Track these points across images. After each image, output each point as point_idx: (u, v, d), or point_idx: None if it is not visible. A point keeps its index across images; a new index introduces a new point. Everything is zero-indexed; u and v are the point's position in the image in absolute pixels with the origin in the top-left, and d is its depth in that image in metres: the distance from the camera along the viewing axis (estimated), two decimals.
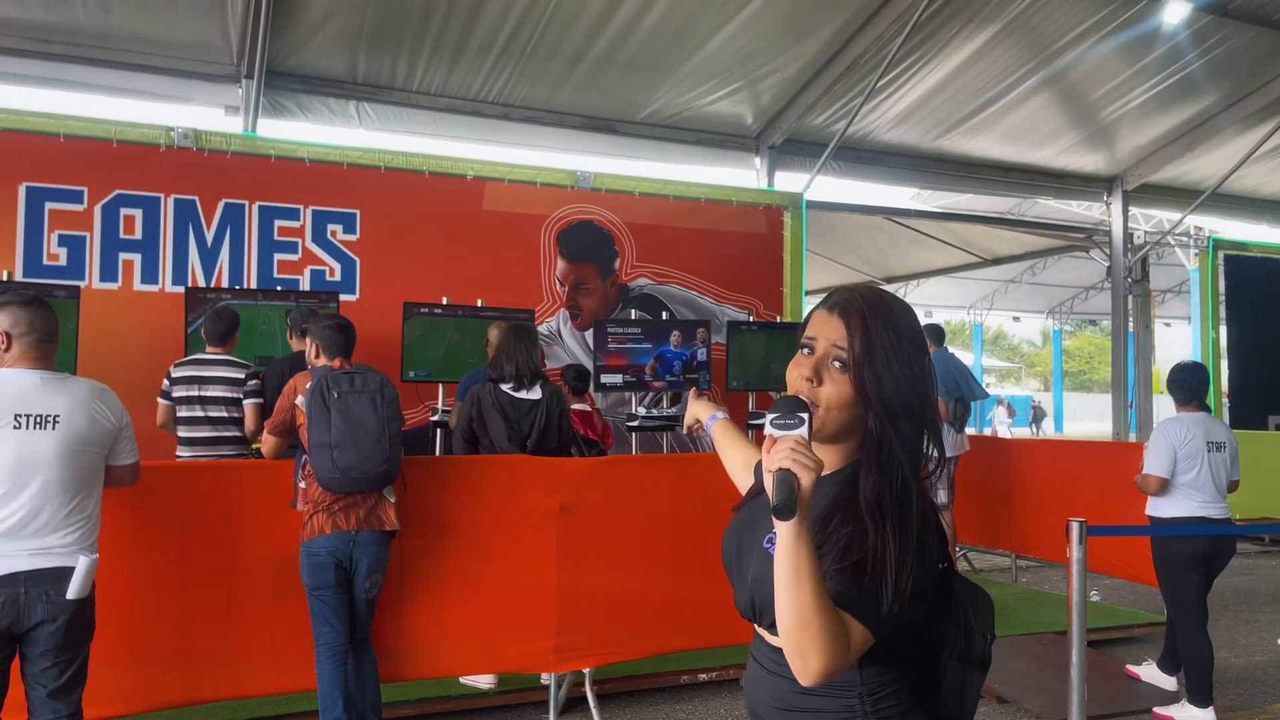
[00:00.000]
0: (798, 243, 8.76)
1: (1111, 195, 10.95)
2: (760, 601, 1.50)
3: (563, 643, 4.30)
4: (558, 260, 7.66)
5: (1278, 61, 8.86)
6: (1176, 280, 21.61)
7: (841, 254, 14.25)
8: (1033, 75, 8.59)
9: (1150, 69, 8.70)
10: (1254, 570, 8.39)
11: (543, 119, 8.20)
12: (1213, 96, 9.33)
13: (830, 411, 1.48)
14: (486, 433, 4.65)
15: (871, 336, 1.49)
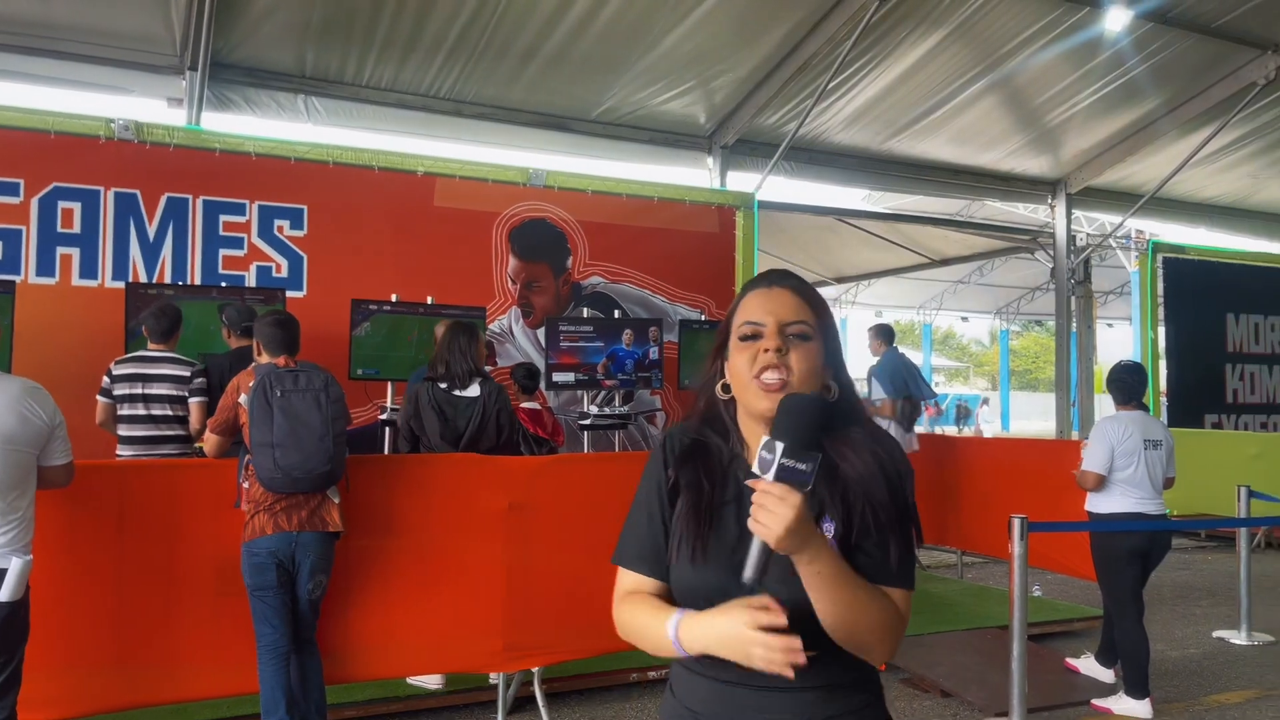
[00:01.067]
0: (749, 242, 8.81)
1: (1056, 198, 11.16)
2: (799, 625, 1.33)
3: (511, 642, 4.28)
4: (509, 258, 7.63)
5: (1216, 68, 9.09)
6: (1119, 282, 22.06)
7: (793, 254, 14.36)
8: (980, 79, 8.72)
9: (1094, 74, 8.88)
10: (1190, 565, 8.61)
11: (495, 116, 8.15)
12: (1154, 102, 9.55)
13: (804, 383, 1.42)
14: (424, 430, 4.62)
15: (818, 302, 1.51)
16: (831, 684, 1.40)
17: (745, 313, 1.48)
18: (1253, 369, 11.50)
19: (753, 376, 1.42)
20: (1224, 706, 4.73)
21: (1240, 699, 4.85)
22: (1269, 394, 11.59)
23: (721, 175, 9.10)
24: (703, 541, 1.43)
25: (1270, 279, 11.84)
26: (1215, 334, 11.35)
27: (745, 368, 1.43)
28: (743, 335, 1.46)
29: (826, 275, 16.44)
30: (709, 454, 1.51)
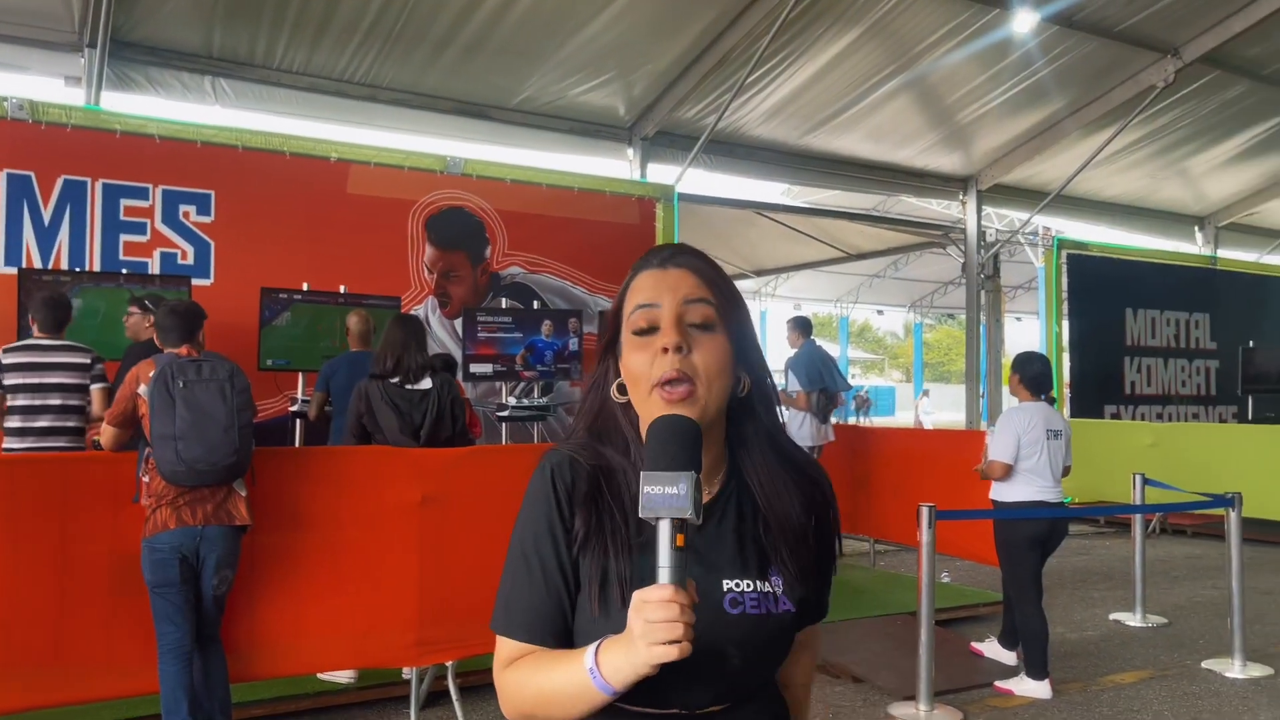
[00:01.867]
0: (670, 234, 8.83)
1: (967, 194, 11.45)
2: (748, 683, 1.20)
3: (425, 636, 4.22)
4: (426, 247, 7.51)
5: (1117, 71, 9.43)
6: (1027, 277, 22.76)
7: (714, 247, 14.44)
8: (894, 77, 8.89)
9: (1003, 75, 9.13)
10: (1089, 551, 8.94)
11: (411, 102, 8.02)
12: (1059, 103, 9.86)
13: (712, 384, 1.18)
14: (379, 427, 4.53)
15: (720, 275, 1.26)
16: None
17: (636, 295, 1.23)
18: (1150, 362, 11.99)
19: (653, 385, 1.17)
20: (1119, 686, 4.92)
21: (1134, 679, 5.05)
22: (1164, 386, 12.10)
23: (642, 167, 9.12)
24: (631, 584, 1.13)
25: (1167, 275, 12.36)
26: (1115, 328, 11.80)
27: (643, 370, 1.19)
28: (637, 328, 1.21)
29: (746, 268, 16.60)
30: (614, 480, 1.23)
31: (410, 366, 4.57)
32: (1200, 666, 5.25)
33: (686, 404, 1.16)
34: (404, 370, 4.56)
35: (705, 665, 1.13)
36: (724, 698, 1.18)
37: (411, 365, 4.58)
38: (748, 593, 1.19)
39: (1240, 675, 5.07)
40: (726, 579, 1.19)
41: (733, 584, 1.19)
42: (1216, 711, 4.54)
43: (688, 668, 1.06)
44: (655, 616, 1.00)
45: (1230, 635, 5.23)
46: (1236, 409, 12.31)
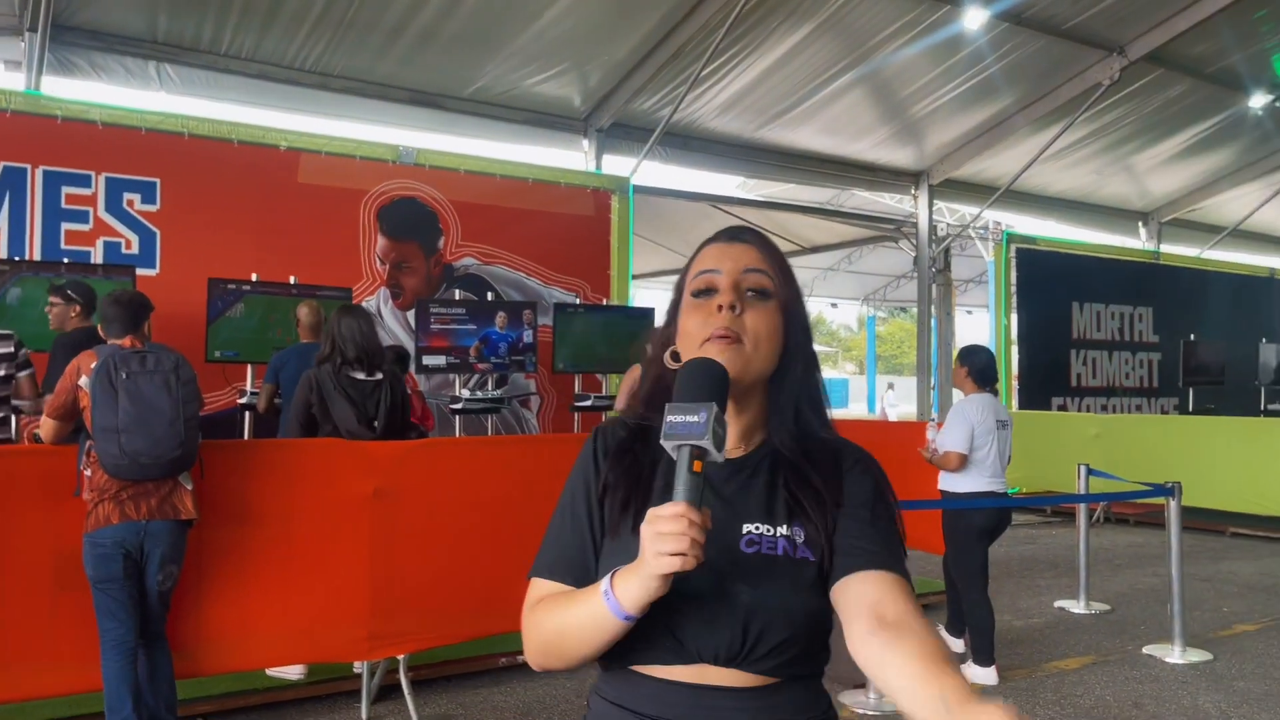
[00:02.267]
0: (625, 226, 8.83)
1: (918, 189, 11.59)
2: (762, 623, 1.16)
3: (376, 630, 4.19)
4: (378, 237, 7.44)
5: (1065, 68, 9.60)
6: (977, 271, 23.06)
7: (669, 239, 14.48)
8: (848, 72, 8.96)
9: (954, 71, 9.24)
10: (1035, 540, 9.11)
11: (363, 90, 7.91)
12: (1008, 99, 10.01)
13: (759, 345, 1.24)
14: (330, 418, 4.47)
15: (780, 257, 1.32)
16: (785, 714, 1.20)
17: (700, 263, 1.30)
18: (1095, 354, 12.25)
19: (705, 338, 1.23)
20: (1063, 672, 5.03)
21: (1078, 664, 5.17)
22: (1109, 378, 12.37)
23: (597, 158, 9.09)
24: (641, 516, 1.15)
25: (1112, 270, 12.62)
26: (1062, 321, 12.03)
27: (697, 329, 1.24)
28: (696, 290, 1.28)
29: None
30: (653, 436, 1.23)
31: (362, 355, 4.53)
32: (1141, 652, 5.37)
33: (730, 352, 1.21)
34: (355, 359, 4.51)
35: (716, 603, 1.15)
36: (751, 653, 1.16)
37: (363, 354, 4.53)
38: (765, 535, 1.22)
39: (1180, 660, 5.20)
40: (747, 522, 1.23)
41: (752, 527, 1.22)
42: (1156, 696, 4.65)
43: (701, 606, 1.14)
44: (664, 529, 1.05)
45: (1170, 621, 5.36)
46: (1178, 401, 12.61)
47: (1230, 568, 7.75)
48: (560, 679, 4.79)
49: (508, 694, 4.59)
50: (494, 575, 4.55)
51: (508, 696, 4.55)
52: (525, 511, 4.65)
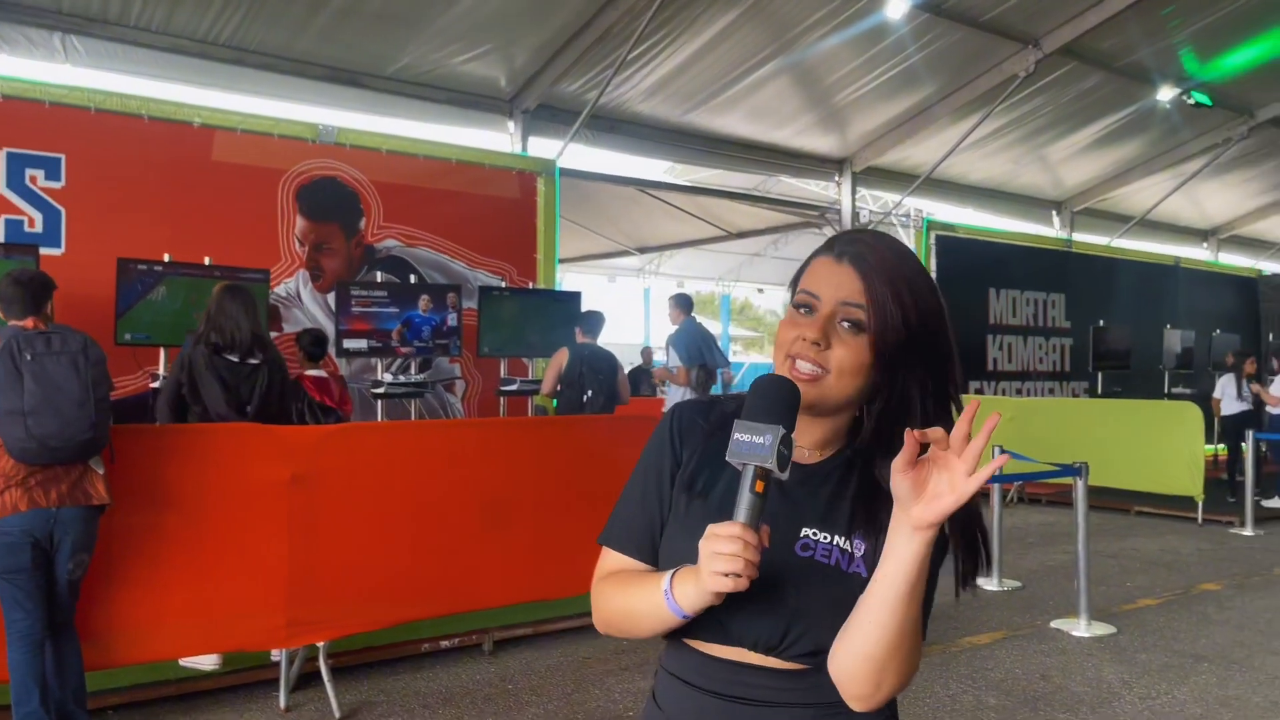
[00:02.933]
0: (551, 209, 8.78)
1: (842, 176, 11.75)
2: (803, 627, 1.21)
3: (294, 617, 4.12)
4: (297, 218, 7.26)
5: (983, 59, 9.81)
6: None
7: (597, 223, 14.46)
8: (773, 58, 9.03)
9: (877, 60, 9.38)
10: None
11: (280, 67, 7.68)
12: (929, 89, 10.20)
13: (842, 379, 1.23)
14: (199, 399, 4.35)
15: (892, 290, 1.23)
16: (832, 702, 1.22)
17: (808, 280, 1.29)
18: (1010, 339, 12.59)
19: (785, 357, 1.25)
20: (975, 647, 5.19)
21: (989, 639, 5.33)
22: (1024, 362, 12.73)
23: (523, 140, 9.01)
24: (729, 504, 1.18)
25: (1027, 257, 12.97)
26: (979, 307, 12.34)
27: (785, 343, 1.26)
28: (799, 303, 1.28)
29: (629, 245, 16.67)
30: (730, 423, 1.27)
31: (239, 338, 4.43)
32: (1049, 626, 5.57)
33: (808, 384, 1.22)
34: (237, 345, 4.42)
35: (763, 598, 1.19)
36: (787, 648, 1.21)
37: (240, 337, 4.43)
38: (821, 543, 1.24)
39: (1085, 634, 5.41)
40: (807, 527, 1.25)
41: (811, 532, 1.25)
42: (1063, 668, 4.83)
43: (748, 599, 1.16)
44: (721, 549, 1.10)
45: (1077, 596, 5.57)
46: (1088, 384, 13.05)
47: (1134, 544, 8.06)
48: (484, 664, 4.78)
49: (430, 680, 4.56)
50: (417, 560, 4.52)
51: (430, 683, 4.52)
52: (449, 496, 4.65)
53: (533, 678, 4.60)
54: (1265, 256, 17.58)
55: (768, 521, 1.15)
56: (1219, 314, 15.11)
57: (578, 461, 5.00)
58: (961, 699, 4.36)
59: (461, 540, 4.64)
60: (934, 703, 4.31)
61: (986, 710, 4.23)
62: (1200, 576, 6.88)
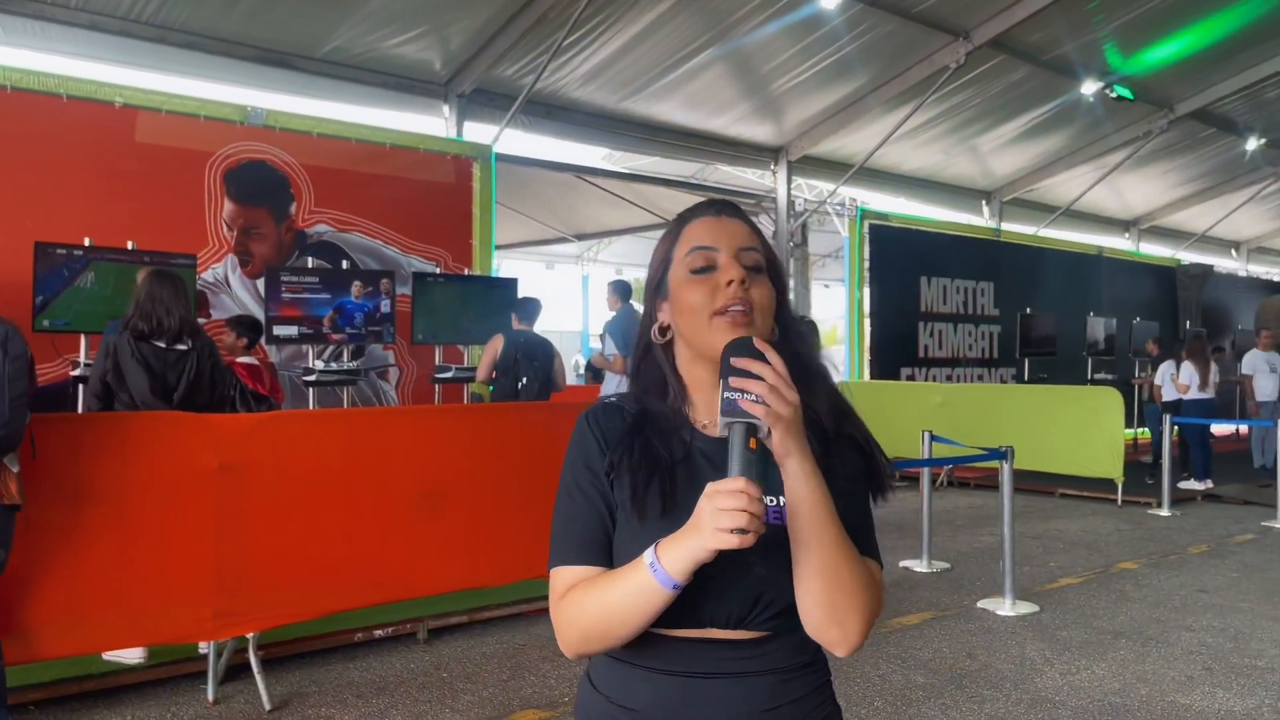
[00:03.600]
0: (487, 195, 8.71)
1: (778, 165, 11.86)
2: (773, 592, 1.23)
3: (222, 609, 4.04)
4: (225, 201, 7.10)
5: (914, 51, 9.96)
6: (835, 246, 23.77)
7: (534, 210, 14.37)
8: (710, 46, 9.05)
9: (811, 49, 9.46)
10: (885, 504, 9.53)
11: (206, 46, 7.49)
12: (863, 79, 10.33)
13: (764, 317, 1.27)
14: (125, 386, 4.25)
15: (760, 232, 1.35)
16: (785, 667, 1.26)
17: (692, 238, 1.31)
18: (941, 327, 12.86)
19: (714, 311, 1.24)
20: (905, 627, 5.30)
21: (918, 620, 5.46)
22: (954, 349, 13.02)
23: (458, 125, 8.92)
24: (672, 497, 1.24)
25: (958, 246, 13.25)
26: (911, 295, 12.58)
27: (703, 302, 1.25)
28: (694, 267, 1.28)
29: (567, 232, 16.59)
30: (652, 419, 1.32)
31: (167, 325, 4.33)
32: (976, 606, 5.72)
33: (745, 328, 1.24)
34: (164, 331, 4.32)
35: (731, 572, 1.20)
36: (755, 617, 1.23)
37: (168, 323, 4.34)
38: (771, 506, 1.23)
39: (1010, 613, 5.56)
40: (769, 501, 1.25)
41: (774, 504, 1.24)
42: (988, 647, 4.96)
43: (715, 577, 1.17)
44: (726, 505, 1.08)
45: (1002, 577, 5.72)
46: (1015, 370, 13.39)
47: (1058, 525, 8.31)
48: (418, 653, 4.76)
49: (364, 669, 4.52)
50: (350, 550, 4.47)
51: (363, 672, 4.48)
52: (382, 484, 4.60)
53: (468, 665, 4.59)
54: (1183, 247, 18.18)
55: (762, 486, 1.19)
56: (1139, 302, 15.63)
57: (512, 449, 4.99)
58: (891, 679, 4.46)
59: (395, 529, 4.60)
60: (864, 684, 4.39)
61: (915, 689, 4.33)
62: (1119, 556, 7.11)
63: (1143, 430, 13.20)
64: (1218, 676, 4.51)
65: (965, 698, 4.22)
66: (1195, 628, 5.29)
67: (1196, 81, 11.98)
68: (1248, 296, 18.12)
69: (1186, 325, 15.98)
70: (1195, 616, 5.51)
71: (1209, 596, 5.96)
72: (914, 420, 8.52)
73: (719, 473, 1.20)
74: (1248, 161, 14.87)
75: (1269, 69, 11.55)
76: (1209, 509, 9.31)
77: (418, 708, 4.06)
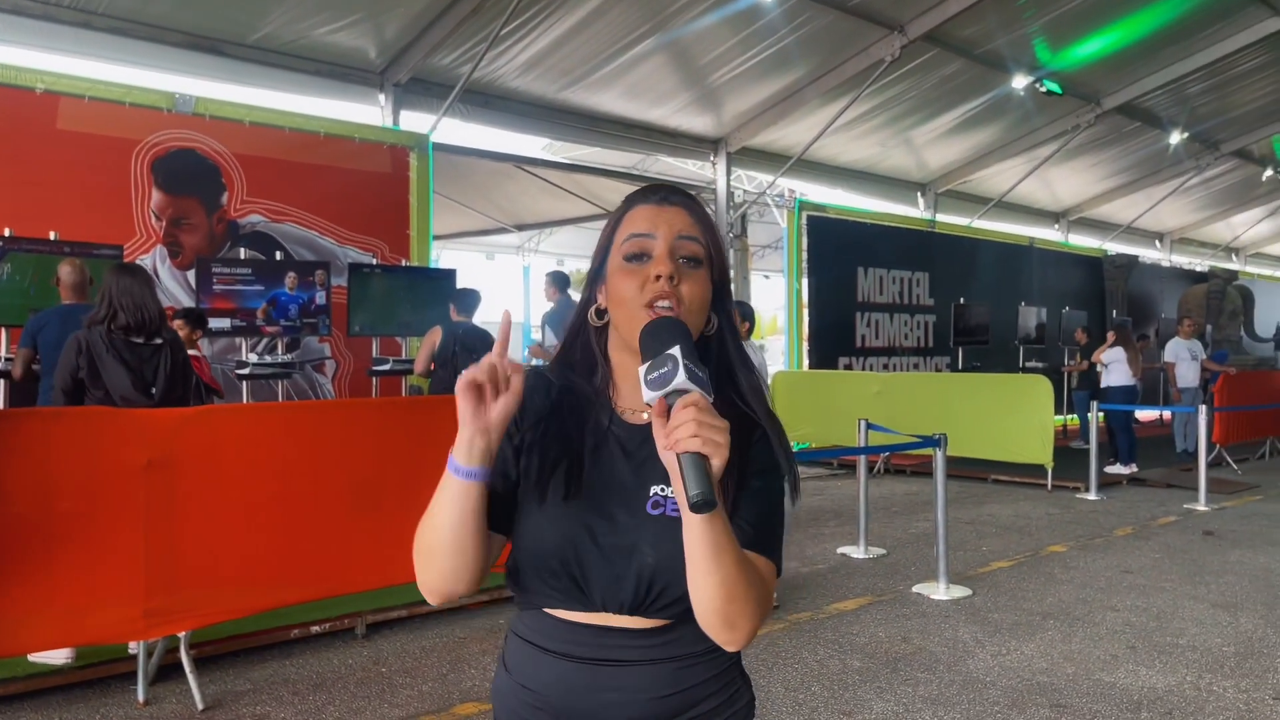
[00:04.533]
0: (424, 185, 8.62)
1: (717, 156, 11.91)
2: (664, 582, 1.23)
3: (153, 608, 3.95)
4: (152, 191, 6.93)
5: (851, 44, 10.07)
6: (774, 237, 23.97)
7: (474, 200, 14.24)
8: (649, 36, 9.05)
9: (750, 40, 9.52)
10: (823, 491, 9.66)
11: (132, 31, 7.27)
12: (801, 70, 10.42)
13: (693, 315, 1.25)
14: (101, 383, 4.16)
15: (709, 219, 1.31)
16: (687, 654, 1.28)
17: (631, 225, 1.29)
18: (877, 316, 13.05)
19: (643, 305, 1.23)
20: (841, 613, 5.39)
21: (855, 605, 5.55)
22: (890, 339, 13.22)
23: (395, 114, 8.80)
24: (577, 483, 1.26)
25: (893, 237, 13.45)
26: (848, 285, 12.74)
27: (633, 294, 1.24)
28: (629, 254, 1.27)
29: (507, 222, 16.48)
30: (574, 398, 1.34)
31: (144, 318, 4.25)
32: (911, 591, 5.83)
33: None
34: (145, 326, 4.24)
35: (620, 559, 1.23)
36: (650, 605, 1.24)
37: (145, 317, 4.26)
38: (670, 498, 1.25)
39: (944, 597, 5.68)
40: (654, 485, 1.27)
41: (659, 489, 1.26)
42: (922, 630, 5.07)
43: (606, 563, 1.23)
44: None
45: (936, 562, 5.84)
46: (950, 359, 13.65)
47: (990, 511, 8.50)
48: (356, 648, 4.71)
49: (300, 666, 4.46)
50: (286, 545, 4.40)
51: (300, 669, 4.43)
52: (318, 478, 4.53)
53: (407, 660, 4.55)
54: (1110, 237, 18.68)
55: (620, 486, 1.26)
56: (1068, 291, 16.03)
57: (450, 441, 4.94)
58: (828, 664, 4.53)
59: (332, 523, 4.54)
60: (802, 669, 4.46)
61: (851, 673, 4.40)
62: (1048, 539, 7.31)
63: (1072, 417, 13.56)
64: (1141, 655, 4.66)
65: (900, 680, 4.31)
66: (1120, 608, 5.46)
67: (1122, 77, 12.31)
68: (1171, 286, 18.70)
69: (1113, 314, 16.44)
70: (1120, 597, 5.69)
71: (1133, 577, 6.15)
72: (851, 409, 8.65)
73: (630, 460, 1.29)
74: (1171, 155, 15.31)
75: (1191, 65, 11.91)
76: (1134, 492, 9.60)
77: (355, 703, 4.02)
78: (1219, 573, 6.28)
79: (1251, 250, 23.29)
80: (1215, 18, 10.95)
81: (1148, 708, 4.01)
